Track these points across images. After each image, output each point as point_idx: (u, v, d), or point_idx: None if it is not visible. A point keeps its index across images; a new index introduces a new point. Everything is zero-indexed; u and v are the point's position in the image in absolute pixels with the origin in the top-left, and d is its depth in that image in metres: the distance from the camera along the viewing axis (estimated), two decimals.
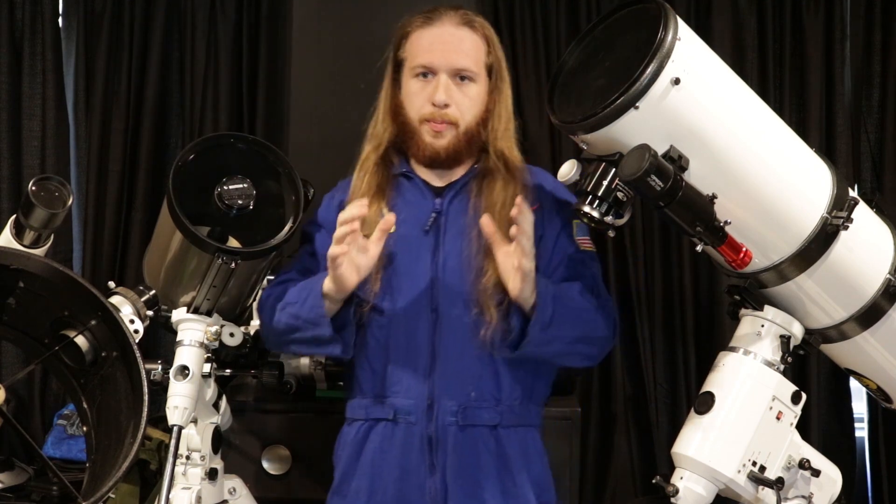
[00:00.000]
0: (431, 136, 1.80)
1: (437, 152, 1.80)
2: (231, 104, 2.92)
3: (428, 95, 1.78)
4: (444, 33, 1.79)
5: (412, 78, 1.81)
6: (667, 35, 1.44)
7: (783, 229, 1.57)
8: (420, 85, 1.80)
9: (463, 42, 1.79)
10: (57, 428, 2.69)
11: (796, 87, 2.80)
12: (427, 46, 1.79)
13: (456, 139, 1.80)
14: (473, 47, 1.80)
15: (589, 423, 2.83)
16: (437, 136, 1.80)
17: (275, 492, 2.28)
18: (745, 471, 1.56)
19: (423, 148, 1.81)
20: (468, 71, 1.79)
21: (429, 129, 1.80)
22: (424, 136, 1.80)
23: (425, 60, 1.79)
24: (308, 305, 1.75)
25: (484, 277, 1.74)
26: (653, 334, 2.85)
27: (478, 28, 1.81)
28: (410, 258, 1.79)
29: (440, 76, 1.78)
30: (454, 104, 1.78)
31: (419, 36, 1.81)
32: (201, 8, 2.90)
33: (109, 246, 2.90)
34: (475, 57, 1.80)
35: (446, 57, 1.78)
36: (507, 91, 1.86)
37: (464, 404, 1.76)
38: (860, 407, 2.88)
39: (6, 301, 1.54)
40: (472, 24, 1.81)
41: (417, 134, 1.81)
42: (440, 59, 1.78)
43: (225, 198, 1.76)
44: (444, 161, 1.82)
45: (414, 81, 1.81)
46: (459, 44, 1.79)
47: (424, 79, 1.79)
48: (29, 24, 2.89)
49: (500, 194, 1.79)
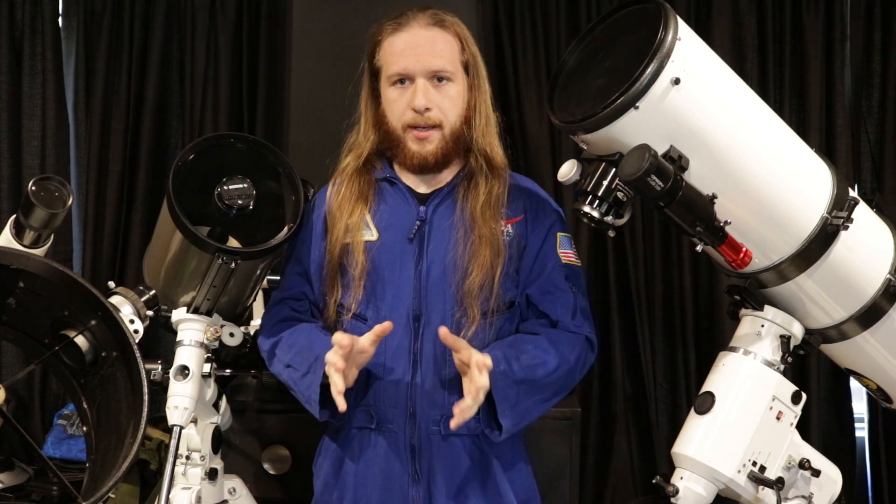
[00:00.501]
0: (417, 145, 1.78)
1: (425, 159, 1.79)
2: (231, 104, 2.91)
3: (407, 101, 1.76)
4: (416, 37, 1.76)
5: (390, 86, 1.79)
6: (667, 35, 1.44)
7: (783, 229, 1.57)
8: (398, 92, 1.78)
9: (435, 43, 1.77)
10: (57, 428, 2.69)
11: (796, 87, 2.80)
12: (400, 52, 1.76)
13: (443, 142, 1.78)
14: (447, 47, 1.78)
15: (589, 423, 2.83)
16: (424, 143, 1.78)
17: (275, 492, 2.28)
18: (745, 471, 1.56)
19: (410, 157, 1.79)
20: (444, 71, 1.77)
21: (413, 136, 1.78)
22: (410, 145, 1.79)
23: (400, 67, 1.76)
24: (306, 382, 1.74)
25: (468, 279, 1.74)
26: (653, 334, 2.85)
27: (449, 26, 1.79)
28: (394, 266, 1.78)
29: (417, 81, 1.76)
30: (435, 107, 1.76)
31: (391, 43, 1.78)
32: (201, 8, 2.90)
33: (109, 246, 2.90)
34: (450, 56, 1.78)
35: (420, 60, 1.75)
36: (485, 87, 1.84)
37: (446, 413, 1.73)
38: (860, 407, 2.88)
39: (6, 301, 1.54)
40: (442, 24, 1.78)
41: (402, 142, 1.79)
42: (414, 63, 1.75)
43: (225, 198, 1.76)
44: (433, 166, 1.80)
45: (392, 90, 1.79)
46: (432, 45, 1.77)
47: (402, 85, 1.77)
48: (29, 24, 2.89)
49: (483, 197, 1.78)
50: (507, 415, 1.69)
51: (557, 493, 2.24)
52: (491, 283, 1.76)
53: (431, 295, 1.77)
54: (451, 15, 1.81)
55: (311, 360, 1.74)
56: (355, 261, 1.78)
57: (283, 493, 2.29)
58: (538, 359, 1.72)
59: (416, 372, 1.76)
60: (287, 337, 1.81)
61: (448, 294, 1.76)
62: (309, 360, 1.74)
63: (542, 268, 1.82)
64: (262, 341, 1.87)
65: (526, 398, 1.71)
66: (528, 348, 1.74)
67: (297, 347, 1.78)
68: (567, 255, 1.84)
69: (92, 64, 2.91)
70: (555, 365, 1.73)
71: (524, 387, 1.70)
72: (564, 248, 1.84)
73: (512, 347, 1.74)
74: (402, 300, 1.77)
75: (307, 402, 1.75)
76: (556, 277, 1.82)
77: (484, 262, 1.75)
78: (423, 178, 1.84)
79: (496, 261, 1.76)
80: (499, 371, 1.67)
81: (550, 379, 1.73)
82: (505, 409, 1.68)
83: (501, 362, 1.68)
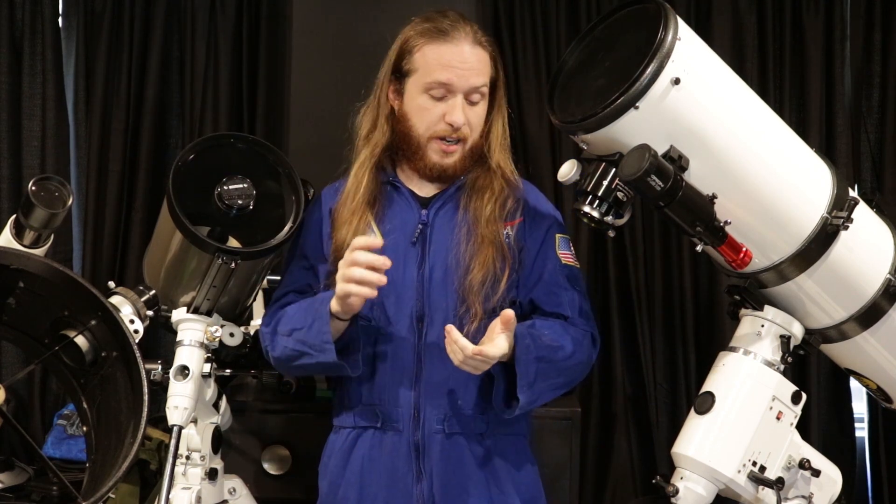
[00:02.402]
0: (440, 156, 1.80)
1: (444, 171, 1.81)
2: (231, 104, 2.91)
3: (441, 113, 1.77)
4: (463, 52, 1.77)
5: (423, 93, 1.78)
6: (667, 35, 1.44)
7: (783, 229, 1.57)
8: (433, 102, 1.78)
9: (480, 62, 1.79)
10: (57, 428, 2.69)
11: (796, 87, 2.80)
12: (446, 64, 1.76)
13: (462, 156, 1.81)
14: (486, 67, 1.80)
15: (589, 423, 2.83)
16: (448, 156, 1.80)
17: (275, 492, 2.28)
18: (745, 471, 1.56)
19: (430, 166, 1.81)
20: (481, 91, 1.79)
21: (438, 148, 1.79)
22: (432, 155, 1.80)
23: (444, 79, 1.76)
24: (315, 330, 1.74)
25: (470, 275, 1.76)
26: (653, 334, 2.85)
27: (487, 47, 1.81)
28: (398, 269, 1.78)
29: (458, 97, 1.77)
30: (467, 123, 1.79)
31: (435, 51, 1.77)
32: (201, 8, 2.90)
33: (109, 246, 2.89)
34: (487, 77, 1.80)
35: (466, 78, 1.76)
36: (504, 104, 1.86)
37: (450, 412, 1.77)
38: (860, 407, 2.88)
39: (6, 301, 1.54)
40: (483, 44, 1.80)
41: (423, 151, 1.80)
42: (459, 79, 1.76)
43: (225, 198, 1.76)
44: (450, 178, 1.83)
45: (425, 97, 1.78)
46: (478, 64, 1.78)
47: (437, 95, 1.77)
48: (29, 24, 2.89)
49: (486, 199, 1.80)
50: (525, 391, 1.70)
51: (557, 493, 2.24)
52: (493, 281, 1.77)
53: (434, 295, 1.79)
54: (486, 34, 1.83)
55: (314, 310, 1.75)
56: None
57: (283, 493, 2.29)
58: (557, 342, 1.75)
59: (421, 371, 1.78)
60: (286, 312, 1.82)
61: (450, 293, 1.78)
62: (311, 312, 1.75)
63: (542, 270, 1.84)
64: (263, 332, 1.87)
65: (543, 379, 1.73)
66: (545, 332, 1.76)
67: (297, 311, 1.79)
68: (566, 256, 1.86)
69: (92, 64, 2.91)
70: (571, 349, 1.76)
71: (543, 365, 1.72)
72: (563, 250, 1.86)
73: (532, 328, 1.75)
74: (405, 302, 1.79)
75: (321, 350, 1.73)
76: (557, 278, 1.83)
77: (486, 260, 1.76)
78: (426, 182, 1.85)
79: (500, 259, 1.78)
80: (524, 345, 1.69)
81: (567, 364, 1.76)
82: (524, 385, 1.70)
83: (526, 337, 1.71)
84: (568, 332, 1.78)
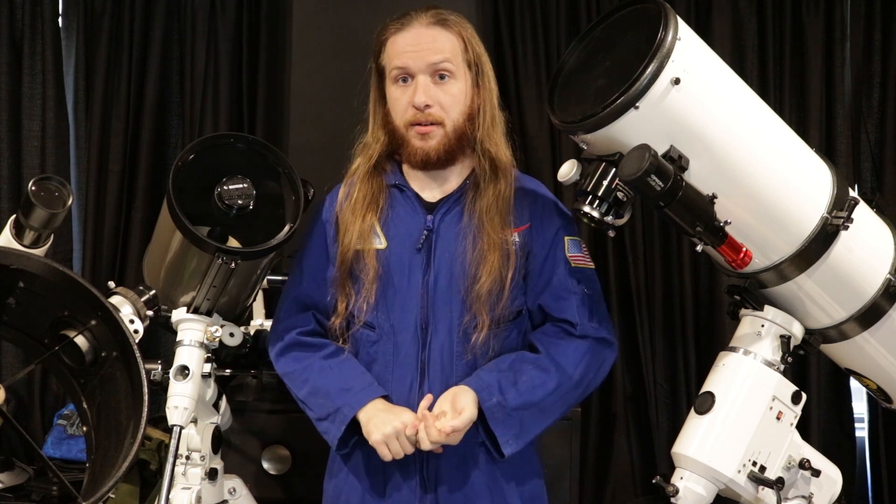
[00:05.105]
0: (420, 141, 1.78)
1: (427, 154, 1.78)
2: (231, 104, 2.92)
3: (409, 99, 1.76)
4: (417, 35, 1.77)
5: (392, 85, 1.79)
6: (667, 35, 1.44)
7: (783, 229, 1.57)
8: (401, 90, 1.78)
9: (436, 40, 1.77)
10: (57, 428, 2.70)
11: (796, 87, 2.81)
12: (401, 50, 1.77)
13: (445, 139, 1.78)
14: (448, 44, 1.77)
15: (589, 423, 2.83)
16: (426, 139, 1.78)
17: (275, 492, 2.28)
18: (745, 471, 1.56)
19: (413, 153, 1.79)
20: (445, 68, 1.76)
21: (415, 132, 1.78)
22: (413, 142, 1.78)
23: (400, 63, 1.76)
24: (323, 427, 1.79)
25: (477, 284, 1.74)
26: (653, 334, 2.85)
27: (451, 25, 1.79)
28: (402, 276, 1.78)
29: (418, 78, 1.76)
30: (436, 104, 1.76)
31: (393, 42, 1.78)
32: (201, 8, 2.90)
33: (109, 246, 2.90)
34: (451, 53, 1.77)
35: (420, 56, 1.75)
36: (490, 86, 1.83)
37: None
38: (860, 407, 2.88)
39: (6, 301, 1.54)
40: (444, 23, 1.78)
41: (406, 140, 1.79)
42: (414, 59, 1.75)
43: (225, 198, 1.76)
44: (436, 162, 1.80)
45: (395, 88, 1.79)
46: (432, 43, 1.76)
47: (404, 84, 1.78)
48: (29, 24, 2.89)
49: (491, 203, 1.78)
50: (511, 445, 1.73)
51: (557, 493, 2.24)
52: (500, 288, 1.75)
53: (438, 304, 1.77)
54: (455, 14, 1.81)
55: (329, 409, 1.77)
56: (367, 266, 1.78)
57: (283, 493, 2.29)
58: (538, 380, 1.74)
59: (424, 380, 1.77)
60: (300, 373, 1.83)
61: (455, 302, 1.77)
62: (326, 407, 1.77)
63: (550, 274, 1.81)
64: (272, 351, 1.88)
65: (530, 423, 1.74)
66: (527, 368, 1.75)
67: (310, 386, 1.81)
68: (576, 258, 1.83)
69: (92, 64, 2.92)
70: (554, 385, 1.75)
71: (526, 413, 1.73)
72: (573, 252, 1.83)
73: (511, 370, 1.75)
74: (409, 310, 1.78)
75: (325, 431, 1.79)
76: (566, 282, 1.81)
77: (492, 268, 1.74)
78: (431, 183, 1.84)
79: (505, 266, 1.76)
80: (491, 404, 1.71)
81: (552, 399, 1.75)
82: (509, 439, 1.72)
83: (494, 392, 1.71)
84: (555, 364, 1.76)
